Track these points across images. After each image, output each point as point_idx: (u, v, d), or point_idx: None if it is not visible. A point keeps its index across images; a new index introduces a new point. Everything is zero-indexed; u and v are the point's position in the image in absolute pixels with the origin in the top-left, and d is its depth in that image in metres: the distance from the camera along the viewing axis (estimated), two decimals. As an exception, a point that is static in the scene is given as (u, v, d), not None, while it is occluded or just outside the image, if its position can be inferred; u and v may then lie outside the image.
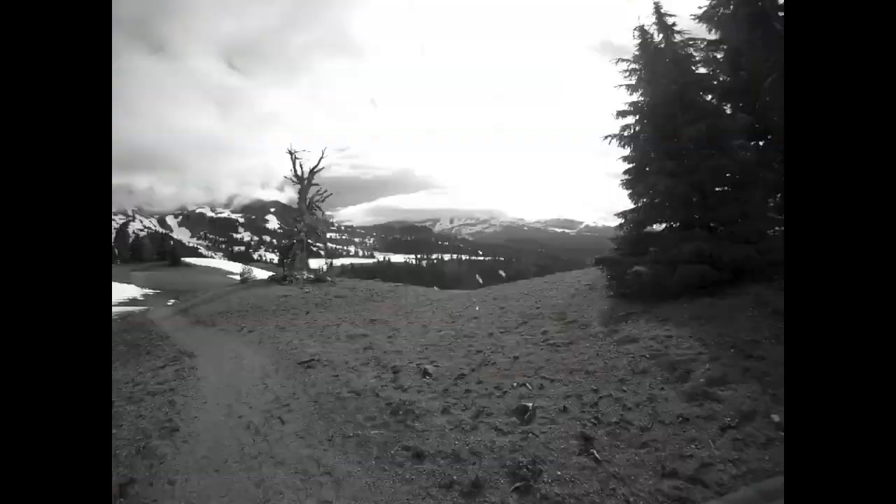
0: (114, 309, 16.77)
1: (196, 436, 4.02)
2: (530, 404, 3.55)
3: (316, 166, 17.81)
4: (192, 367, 6.39)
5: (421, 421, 3.63)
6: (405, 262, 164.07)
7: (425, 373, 4.63)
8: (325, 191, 18.53)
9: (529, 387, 3.94)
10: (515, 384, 4.04)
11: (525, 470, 2.78)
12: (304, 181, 17.69)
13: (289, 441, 3.76)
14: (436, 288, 15.32)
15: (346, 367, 5.49)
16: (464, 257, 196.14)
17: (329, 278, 16.83)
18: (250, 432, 4.00)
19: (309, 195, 17.90)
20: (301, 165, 17.62)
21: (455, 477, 2.88)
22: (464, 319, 6.92)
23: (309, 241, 17.87)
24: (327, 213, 19.02)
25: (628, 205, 6.49)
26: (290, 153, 17.63)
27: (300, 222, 17.52)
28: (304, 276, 16.39)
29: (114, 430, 4.29)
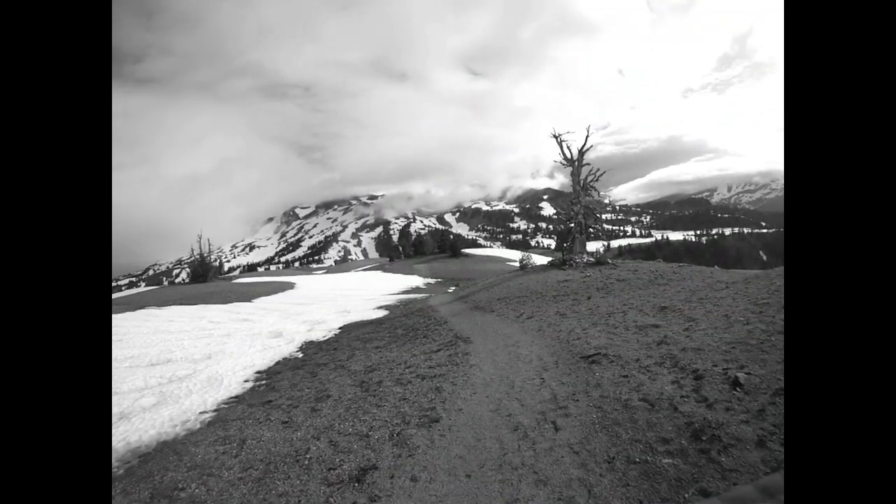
0: (396, 297, 20.92)
1: (456, 430, 4.14)
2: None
3: (584, 146, 20.19)
4: (465, 353, 7.04)
5: (728, 454, 3.15)
6: (683, 239, 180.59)
7: (736, 383, 4.08)
8: (598, 169, 20.57)
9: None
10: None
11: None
12: (574, 163, 20.13)
13: (560, 454, 3.51)
14: (716, 267, 14.75)
15: (636, 365, 5.09)
16: (745, 230, 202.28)
17: (609, 261, 18.13)
18: (517, 436, 3.86)
19: (582, 176, 20.11)
20: (569, 147, 20.29)
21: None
22: (773, 309, 6.48)
23: (587, 222, 19.75)
24: (602, 192, 21.15)
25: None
26: (556, 137, 20.30)
27: (577, 204, 19.69)
28: (584, 260, 18.12)
29: (374, 410, 4.94)
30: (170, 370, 8.81)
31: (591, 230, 20.17)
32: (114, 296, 29.04)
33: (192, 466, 4.03)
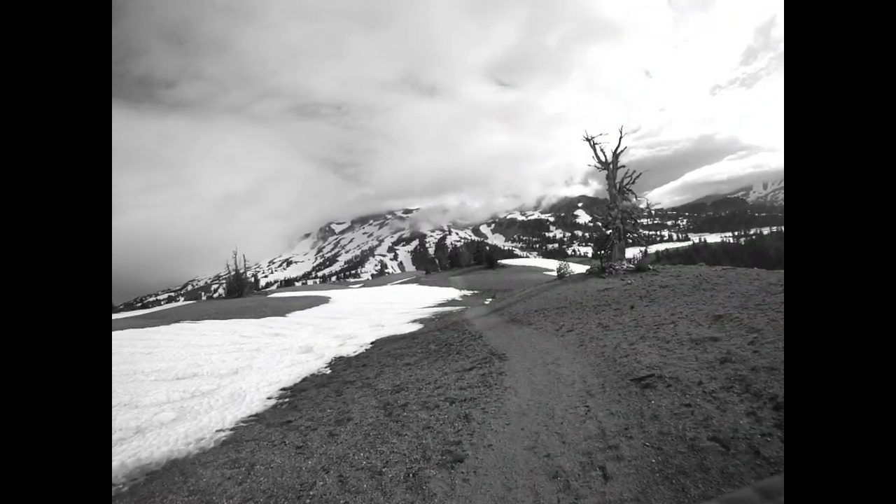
0: (432, 310, 20.46)
1: (482, 474, 3.51)
2: None
3: (617, 147, 19.56)
4: (500, 373, 6.42)
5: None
6: (721, 240, 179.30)
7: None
8: (634, 171, 19.76)
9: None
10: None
11: None
12: (609, 166, 19.42)
13: (611, 516, 2.76)
14: (756, 269, 13.30)
15: (699, 391, 4.22)
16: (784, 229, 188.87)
17: (650, 266, 17.30)
18: (556, 486, 3.16)
19: (617, 179, 19.37)
20: (602, 150, 19.76)
21: None
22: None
23: (625, 227, 18.90)
24: (639, 196, 20.42)
25: None
26: (588, 140, 19.78)
27: (614, 209, 18.83)
28: (624, 267, 17.23)
29: (394, 440, 4.44)
30: (194, 385, 8.68)
31: (629, 236, 19.19)
32: (151, 310, 29.83)
33: (194, 490, 3.85)
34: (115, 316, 26.29)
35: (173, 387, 8.58)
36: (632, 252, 20.18)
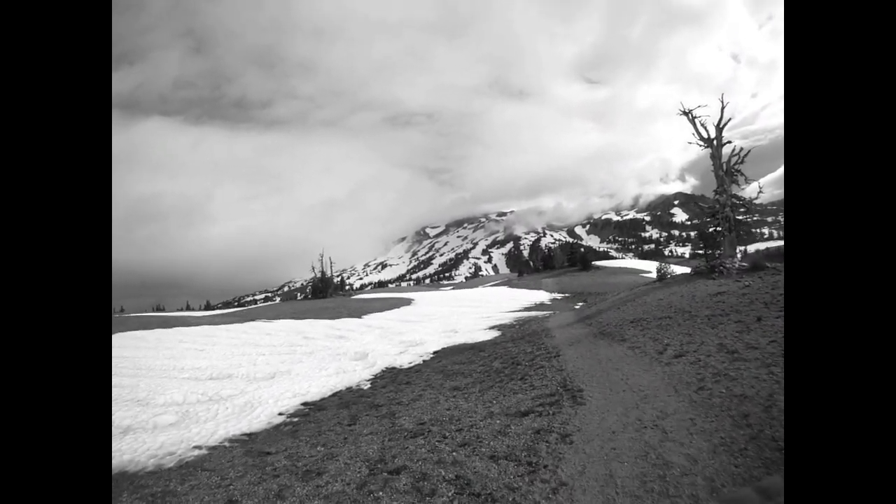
0: (515, 314, 18.33)
1: None
2: None
3: (721, 120, 16.09)
4: (564, 435, 4.09)
5: None
6: None
7: None
8: (742, 149, 15.91)
9: None
10: None
11: None
12: (712, 142, 15.96)
13: None
14: None
15: None
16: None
17: (768, 264, 13.60)
18: None
19: (723, 159, 15.82)
20: (703, 125, 16.38)
21: None
22: None
23: (736, 216, 15.30)
24: (750, 180, 16.20)
25: None
26: (686, 113, 16.52)
27: (722, 194, 15.33)
28: (736, 265, 13.70)
29: None
30: (216, 388, 7.97)
31: (742, 227, 15.65)
32: (240, 309, 30.64)
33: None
34: (198, 314, 27.07)
35: (197, 387, 7.93)
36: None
